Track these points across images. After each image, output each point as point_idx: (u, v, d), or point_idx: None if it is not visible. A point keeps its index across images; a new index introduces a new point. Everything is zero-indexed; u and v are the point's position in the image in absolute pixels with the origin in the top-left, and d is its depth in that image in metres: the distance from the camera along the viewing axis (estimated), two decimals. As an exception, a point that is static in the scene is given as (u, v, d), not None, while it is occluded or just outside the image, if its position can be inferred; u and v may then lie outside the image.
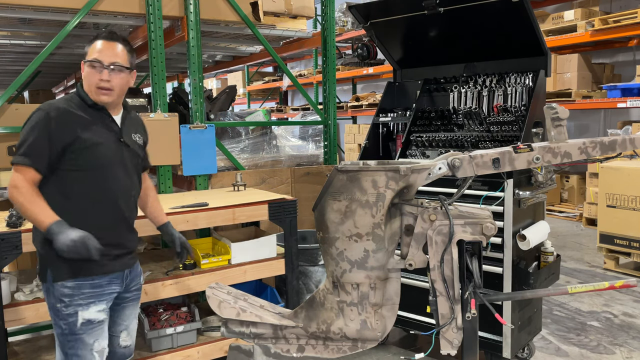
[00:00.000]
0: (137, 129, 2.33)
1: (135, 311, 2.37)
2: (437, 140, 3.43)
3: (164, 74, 3.65)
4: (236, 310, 2.07)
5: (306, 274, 3.78)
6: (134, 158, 2.25)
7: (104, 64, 2.07)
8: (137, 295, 2.35)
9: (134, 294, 2.32)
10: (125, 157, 2.20)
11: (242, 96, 14.17)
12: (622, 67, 7.99)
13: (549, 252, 3.22)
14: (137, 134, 2.31)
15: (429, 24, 3.46)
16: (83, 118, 2.08)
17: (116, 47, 2.11)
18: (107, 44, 2.10)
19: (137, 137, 2.30)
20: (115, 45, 2.11)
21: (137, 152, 2.28)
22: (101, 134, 2.11)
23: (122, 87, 2.15)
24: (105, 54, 2.08)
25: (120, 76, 2.12)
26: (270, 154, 4.52)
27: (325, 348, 2.04)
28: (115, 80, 2.10)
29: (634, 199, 4.98)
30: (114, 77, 2.09)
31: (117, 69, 2.09)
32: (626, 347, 3.55)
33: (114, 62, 2.09)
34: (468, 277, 1.91)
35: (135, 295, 2.33)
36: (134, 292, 2.31)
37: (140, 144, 2.32)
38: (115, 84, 2.10)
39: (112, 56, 2.09)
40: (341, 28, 10.44)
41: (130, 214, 2.23)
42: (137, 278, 2.33)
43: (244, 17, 4.05)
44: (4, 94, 3.38)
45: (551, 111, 1.95)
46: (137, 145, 2.28)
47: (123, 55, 2.13)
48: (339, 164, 1.93)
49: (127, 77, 2.17)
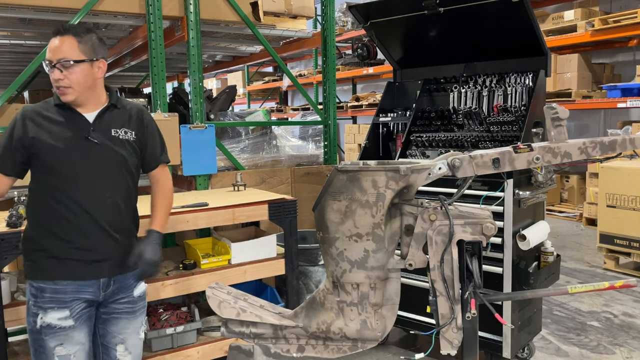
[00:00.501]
0: (125, 123, 2.12)
1: (133, 325, 2.18)
2: (437, 140, 3.43)
3: (164, 74, 3.65)
4: (236, 310, 2.06)
5: (306, 274, 3.78)
6: (111, 156, 2.06)
7: (52, 63, 1.96)
8: (131, 309, 2.16)
9: (125, 307, 2.14)
10: (95, 157, 2.03)
11: (242, 96, 14.17)
12: (622, 67, 7.99)
13: (549, 252, 3.22)
14: (123, 128, 2.10)
15: (429, 24, 3.46)
16: (49, 119, 2.01)
17: (62, 42, 1.96)
18: (54, 41, 1.98)
19: (121, 132, 2.09)
20: (62, 40, 1.97)
21: (115, 149, 2.06)
22: (63, 134, 2.00)
23: (81, 81, 1.98)
24: (52, 52, 1.97)
25: (74, 71, 1.96)
26: (270, 154, 4.52)
27: (325, 348, 2.03)
28: (70, 76, 1.96)
29: (634, 199, 4.98)
30: (67, 74, 1.95)
31: (65, 65, 1.95)
32: (626, 347, 3.55)
33: (59, 58, 1.95)
34: (468, 277, 1.91)
35: (127, 308, 2.14)
36: (124, 304, 2.13)
37: (127, 139, 2.10)
38: (72, 80, 1.96)
39: (57, 53, 1.96)
40: (341, 28, 10.44)
41: (105, 218, 2.03)
42: (127, 290, 2.14)
43: (244, 17, 4.05)
44: (4, 94, 3.38)
45: (551, 111, 1.95)
46: (118, 142, 2.07)
47: (70, 49, 1.96)
48: (339, 164, 1.93)
49: (85, 70, 1.99)
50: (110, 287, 2.08)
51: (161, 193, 2.28)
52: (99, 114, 2.07)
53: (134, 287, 2.17)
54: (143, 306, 2.23)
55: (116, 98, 2.14)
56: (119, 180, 2.09)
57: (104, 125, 2.06)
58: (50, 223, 2.00)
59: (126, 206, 2.12)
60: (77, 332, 2.03)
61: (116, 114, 2.12)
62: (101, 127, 2.06)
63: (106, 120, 2.08)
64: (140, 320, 2.21)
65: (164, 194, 2.28)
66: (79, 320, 2.03)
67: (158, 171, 2.27)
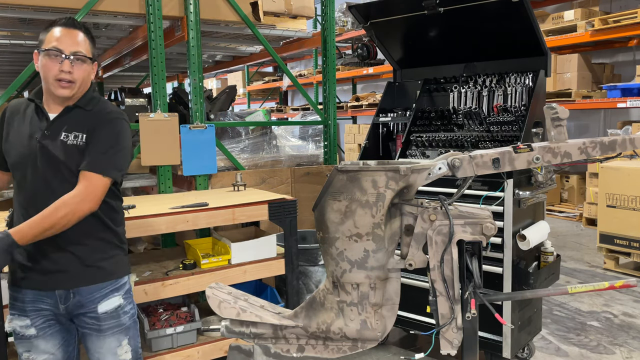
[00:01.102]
0: (78, 126, 1.93)
1: (106, 345, 2.00)
2: (437, 140, 3.43)
3: (164, 74, 3.65)
4: (236, 310, 2.06)
5: (306, 274, 3.78)
6: (51, 162, 1.89)
7: (65, 54, 1.86)
8: (97, 326, 1.98)
9: (91, 323, 1.98)
10: (39, 162, 1.89)
11: (242, 96, 14.18)
12: (622, 67, 7.99)
13: (549, 252, 3.22)
14: (74, 132, 1.92)
15: (429, 24, 3.46)
16: (20, 117, 1.96)
17: (77, 35, 1.90)
18: (67, 32, 1.89)
19: (71, 136, 1.91)
20: (76, 33, 1.90)
21: (54, 154, 1.89)
22: (23, 135, 1.93)
23: (83, 79, 1.93)
24: (66, 43, 1.87)
25: (82, 67, 1.91)
26: (270, 154, 4.52)
27: (325, 348, 2.03)
28: (78, 72, 1.90)
29: (634, 199, 4.98)
30: (76, 68, 1.89)
31: (79, 59, 1.89)
32: (626, 347, 3.55)
33: (75, 51, 1.88)
34: (468, 277, 1.91)
35: (93, 324, 1.98)
36: (90, 319, 1.98)
37: (74, 144, 1.91)
38: (77, 76, 1.90)
39: (73, 45, 1.88)
40: (341, 28, 10.44)
41: None
42: (89, 305, 1.96)
43: (244, 17, 4.05)
44: (4, 94, 3.38)
45: (551, 111, 1.95)
46: (63, 146, 1.90)
47: (85, 45, 1.92)
48: (339, 164, 1.93)
49: (89, 68, 1.95)
50: (70, 299, 1.95)
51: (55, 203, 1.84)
52: (58, 115, 1.95)
53: (99, 302, 1.98)
54: (117, 325, 2.02)
55: (87, 100, 1.98)
56: (61, 188, 1.88)
57: (57, 128, 1.93)
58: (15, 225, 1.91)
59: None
60: (42, 342, 1.97)
61: (76, 116, 1.95)
62: (54, 130, 1.92)
63: (62, 121, 1.94)
64: (116, 340, 2.02)
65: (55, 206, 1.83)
66: (43, 330, 1.96)
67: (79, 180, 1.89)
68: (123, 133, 1.99)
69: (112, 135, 1.96)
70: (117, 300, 2.03)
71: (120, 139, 1.98)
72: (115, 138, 1.96)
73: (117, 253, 2.06)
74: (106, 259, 2.00)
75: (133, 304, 2.13)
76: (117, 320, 2.03)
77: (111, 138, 1.95)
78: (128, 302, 2.08)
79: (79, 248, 1.94)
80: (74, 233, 1.91)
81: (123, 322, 2.05)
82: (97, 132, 1.93)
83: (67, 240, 1.91)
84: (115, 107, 2.07)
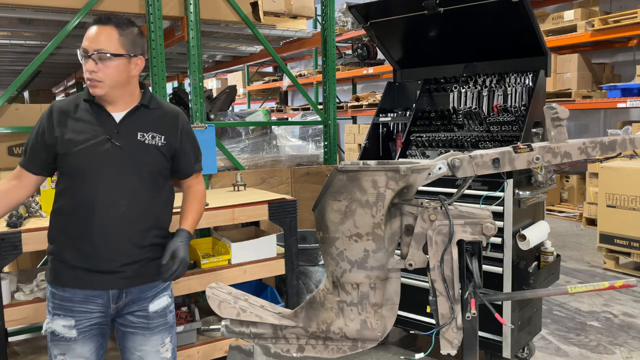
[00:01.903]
0: (154, 126, 1.96)
1: (151, 342, 2.01)
2: (437, 140, 3.43)
3: (164, 74, 3.65)
4: (236, 310, 2.06)
5: (306, 274, 3.78)
6: (132, 162, 1.91)
7: (88, 53, 1.83)
8: (146, 324, 2.00)
9: (140, 321, 1.99)
10: (116, 161, 1.89)
11: (242, 96, 14.17)
12: (622, 67, 8.00)
13: (549, 252, 3.22)
14: (151, 132, 1.95)
15: (429, 24, 3.46)
16: (75, 116, 1.90)
17: (103, 32, 1.84)
18: (95, 29, 1.85)
19: (148, 136, 1.94)
20: (102, 29, 1.85)
21: (137, 154, 1.92)
22: (87, 134, 1.88)
23: (114, 77, 1.86)
24: (90, 41, 1.83)
25: (109, 65, 1.84)
26: (270, 154, 4.53)
27: (325, 348, 2.03)
28: (105, 70, 1.83)
29: (634, 199, 4.98)
30: (102, 66, 1.83)
31: (101, 57, 1.82)
32: (626, 347, 3.55)
33: (97, 49, 1.82)
34: (468, 277, 1.91)
35: (142, 323, 2.00)
36: (139, 318, 1.99)
37: (154, 144, 1.95)
38: (106, 74, 1.84)
39: (96, 43, 1.83)
40: (341, 28, 10.44)
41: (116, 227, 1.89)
42: (141, 303, 1.99)
43: (244, 17, 4.05)
44: (4, 94, 3.38)
45: (551, 111, 1.95)
46: (143, 146, 1.93)
47: (110, 40, 1.84)
48: (339, 164, 1.93)
49: (121, 65, 1.86)
50: (122, 299, 1.95)
51: (192, 195, 2.15)
52: (127, 114, 1.93)
53: (150, 301, 2.01)
54: (164, 324, 2.04)
55: (149, 98, 2.00)
56: (138, 189, 1.92)
57: (130, 128, 1.92)
58: (64, 227, 1.92)
59: (144, 216, 1.95)
60: (80, 346, 1.93)
61: (146, 115, 1.97)
62: (127, 129, 1.91)
63: (134, 122, 1.93)
64: (160, 338, 2.03)
65: (196, 197, 2.15)
66: (84, 334, 1.93)
67: (192, 180, 2.15)
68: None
69: (191, 135, 2.13)
70: (166, 299, 2.06)
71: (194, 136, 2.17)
72: (193, 137, 2.15)
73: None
74: (158, 258, 2.00)
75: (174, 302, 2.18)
76: (165, 319, 2.05)
77: (192, 137, 2.13)
78: (173, 300, 2.12)
79: (138, 248, 1.94)
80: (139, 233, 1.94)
81: (169, 320, 2.08)
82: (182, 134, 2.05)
83: (128, 240, 1.92)
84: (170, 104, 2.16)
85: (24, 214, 2.58)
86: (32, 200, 2.67)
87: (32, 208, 2.67)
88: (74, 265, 1.90)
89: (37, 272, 2.82)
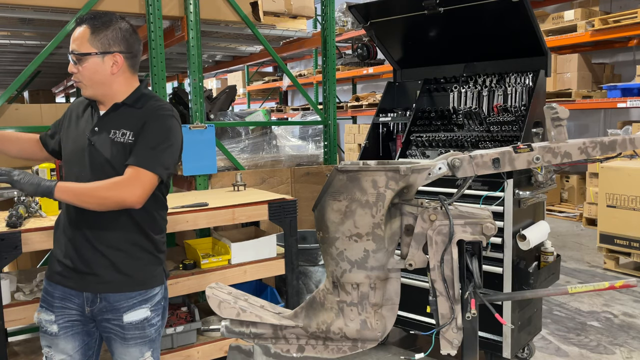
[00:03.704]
0: (126, 123, 1.87)
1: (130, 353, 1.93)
2: (437, 140, 3.43)
3: (164, 74, 3.65)
4: (236, 310, 2.06)
5: (306, 274, 3.78)
6: (98, 159, 1.86)
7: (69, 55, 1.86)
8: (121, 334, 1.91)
9: (115, 329, 1.92)
10: (87, 159, 1.87)
11: (242, 96, 14.17)
12: (622, 67, 8.00)
13: (549, 252, 3.22)
14: (122, 129, 1.86)
15: (429, 24, 3.46)
16: (80, 114, 1.99)
17: (76, 33, 1.85)
18: (75, 30, 1.87)
19: (119, 133, 1.85)
20: (77, 30, 1.85)
21: (101, 151, 1.85)
22: (76, 131, 1.94)
23: (89, 76, 1.85)
24: (70, 43, 1.85)
25: (84, 65, 1.83)
26: (270, 154, 4.52)
27: (325, 348, 2.03)
28: (83, 71, 1.84)
29: (634, 199, 4.98)
30: (80, 67, 1.84)
31: (78, 58, 1.83)
32: (626, 347, 3.55)
33: (70, 50, 1.84)
34: (468, 277, 1.91)
35: (117, 331, 1.91)
36: (114, 326, 1.91)
37: (122, 142, 1.85)
38: (83, 75, 1.85)
39: (72, 44, 1.84)
40: (341, 28, 10.44)
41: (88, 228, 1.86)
42: (115, 312, 1.90)
43: (244, 17, 4.05)
44: (4, 94, 3.38)
45: (551, 111, 1.95)
46: (110, 144, 1.85)
47: (82, 40, 1.82)
48: (339, 164, 1.93)
49: (93, 64, 1.84)
50: (96, 304, 1.90)
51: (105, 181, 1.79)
52: (105, 113, 1.91)
53: (125, 312, 1.91)
54: (141, 336, 1.94)
55: (136, 97, 1.92)
56: None
57: (105, 125, 1.89)
58: (58, 223, 2.01)
59: (115, 217, 1.85)
60: (62, 342, 1.93)
61: (125, 113, 1.90)
62: (104, 127, 1.88)
63: (110, 120, 1.89)
64: (139, 351, 1.94)
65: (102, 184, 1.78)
66: (65, 330, 1.93)
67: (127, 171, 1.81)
68: (173, 130, 1.91)
69: (161, 131, 1.87)
70: (144, 312, 1.94)
71: (170, 135, 1.89)
72: (164, 134, 1.87)
73: (152, 263, 1.99)
74: (140, 267, 1.94)
75: (162, 315, 2.04)
76: (142, 332, 1.95)
77: (160, 134, 1.86)
78: (156, 314, 2.00)
79: (114, 253, 1.89)
80: (112, 236, 1.88)
81: (148, 334, 1.97)
82: (146, 128, 1.85)
83: (103, 243, 1.87)
84: (167, 103, 1.98)
85: (24, 214, 2.57)
86: (32, 200, 2.67)
87: (32, 208, 2.66)
88: (60, 261, 1.94)
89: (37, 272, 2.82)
